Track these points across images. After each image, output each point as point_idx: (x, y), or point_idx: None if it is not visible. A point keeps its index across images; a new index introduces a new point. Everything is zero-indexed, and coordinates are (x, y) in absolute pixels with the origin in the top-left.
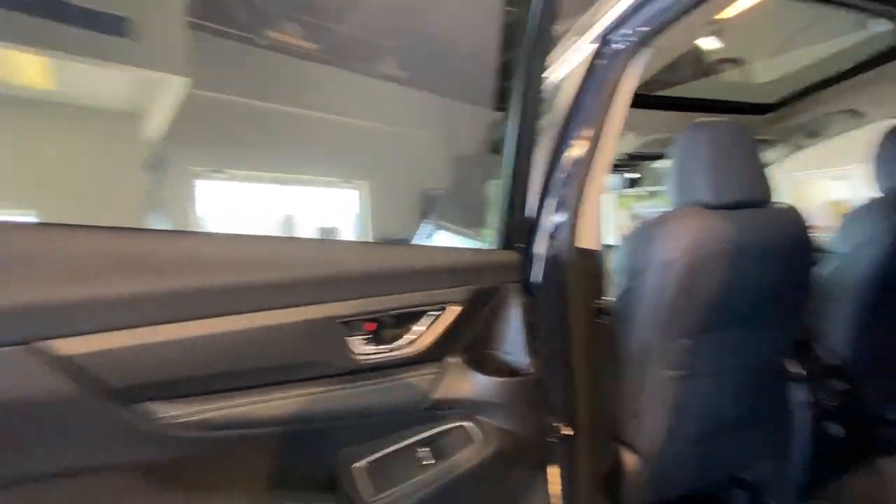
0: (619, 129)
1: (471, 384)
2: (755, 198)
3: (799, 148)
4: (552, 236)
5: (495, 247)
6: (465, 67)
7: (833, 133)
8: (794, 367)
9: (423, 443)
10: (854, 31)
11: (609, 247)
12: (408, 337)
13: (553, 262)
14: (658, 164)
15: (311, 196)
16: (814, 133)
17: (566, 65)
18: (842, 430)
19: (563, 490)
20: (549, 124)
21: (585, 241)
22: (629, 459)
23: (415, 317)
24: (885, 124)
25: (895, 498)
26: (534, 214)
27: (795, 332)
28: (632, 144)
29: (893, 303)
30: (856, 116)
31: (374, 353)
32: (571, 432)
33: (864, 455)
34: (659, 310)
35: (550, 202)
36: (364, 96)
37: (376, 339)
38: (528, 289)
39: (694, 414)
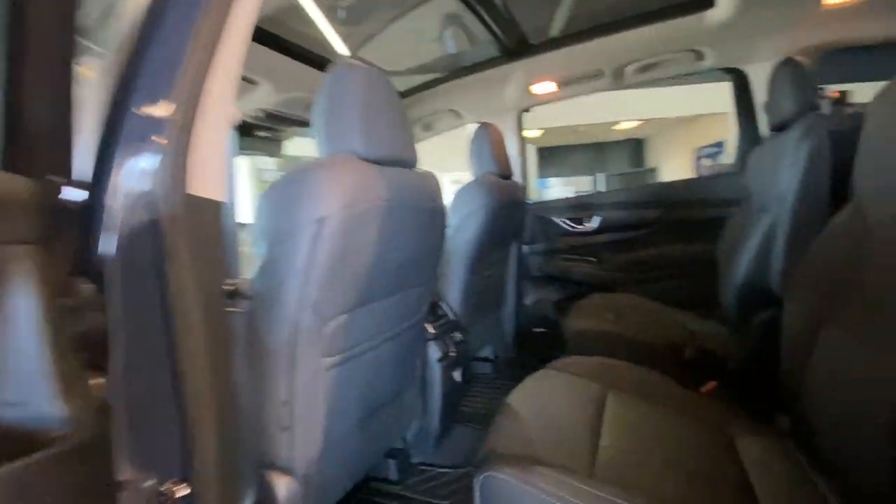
0: (244, 41)
1: None
2: (406, 157)
3: (417, 140)
4: (137, 179)
5: None
6: None
7: (442, 129)
8: (430, 327)
9: None
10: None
11: (243, 226)
12: None
13: (142, 220)
14: (300, 152)
15: None
16: (428, 126)
17: None
18: (461, 374)
19: None
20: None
21: (202, 189)
22: (281, 485)
23: None
24: (474, 126)
25: (513, 422)
26: (94, 145)
27: (431, 293)
28: (269, 100)
29: (486, 263)
30: (457, 116)
31: None
32: (188, 490)
33: (471, 389)
34: (312, 281)
35: (133, 131)
36: None
37: None
38: (85, 266)
39: (354, 400)
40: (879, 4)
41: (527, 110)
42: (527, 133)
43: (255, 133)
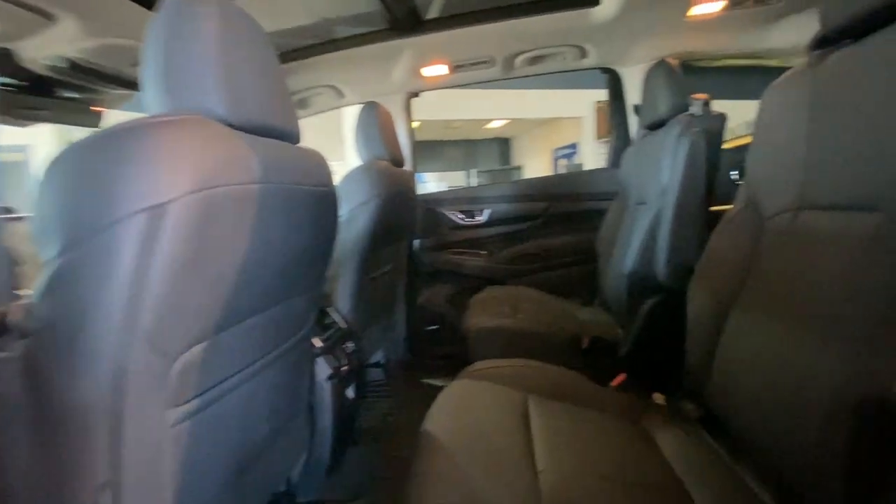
0: None
1: None
2: (286, 127)
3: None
4: None
5: None
6: None
7: (321, 107)
8: (317, 341)
9: None
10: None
11: (20, 218)
12: None
13: None
14: None
15: None
16: (304, 103)
17: None
18: (354, 390)
19: None
20: None
21: None
22: None
23: None
24: (358, 107)
25: (440, 458)
26: None
27: (319, 300)
28: (76, 44)
29: (379, 260)
30: (338, 95)
31: None
32: None
33: (362, 401)
34: (145, 301)
35: None
36: None
37: None
38: None
39: (220, 456)
40: (734, 21)
41: (416, 95)
42: None
43: (56, 93)
